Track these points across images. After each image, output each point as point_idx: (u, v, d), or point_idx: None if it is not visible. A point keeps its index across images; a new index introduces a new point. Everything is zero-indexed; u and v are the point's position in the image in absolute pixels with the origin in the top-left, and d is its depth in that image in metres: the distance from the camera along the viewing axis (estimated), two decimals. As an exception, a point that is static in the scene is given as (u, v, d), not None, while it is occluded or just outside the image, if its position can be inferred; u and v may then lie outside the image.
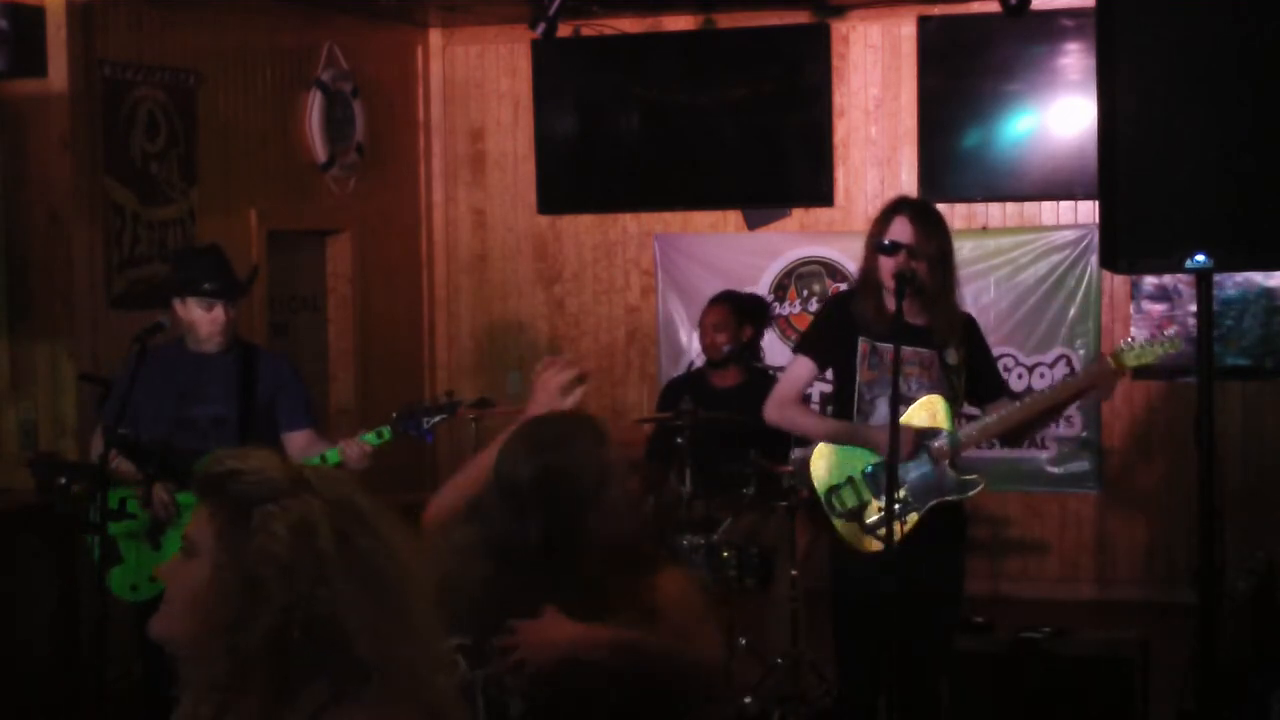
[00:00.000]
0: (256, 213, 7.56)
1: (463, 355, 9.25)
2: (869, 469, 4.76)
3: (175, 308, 5.16)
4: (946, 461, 4.74)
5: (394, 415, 5.19)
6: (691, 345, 8.59)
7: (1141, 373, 8.13)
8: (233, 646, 1.87)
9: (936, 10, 8.32)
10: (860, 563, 4.72)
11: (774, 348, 8.45)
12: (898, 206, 4.84)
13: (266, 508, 1.90)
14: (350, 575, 1.89)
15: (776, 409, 4.98)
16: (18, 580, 6.00)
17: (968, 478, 4.80)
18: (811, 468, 4.87)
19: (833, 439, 4.86)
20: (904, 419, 4.62)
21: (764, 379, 6.72)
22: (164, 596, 1.99)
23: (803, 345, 5.08)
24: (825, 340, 4.94)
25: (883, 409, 4.75)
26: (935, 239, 4.75)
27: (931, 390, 4.75)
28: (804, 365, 4.94)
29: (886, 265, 4.72)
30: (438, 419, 5.15)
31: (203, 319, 5.11)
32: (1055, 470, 8.31)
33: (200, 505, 1.96)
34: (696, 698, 2.95)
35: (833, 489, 4.79)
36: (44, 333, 6.46)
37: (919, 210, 4.83)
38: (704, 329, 6.77)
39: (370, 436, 5.10)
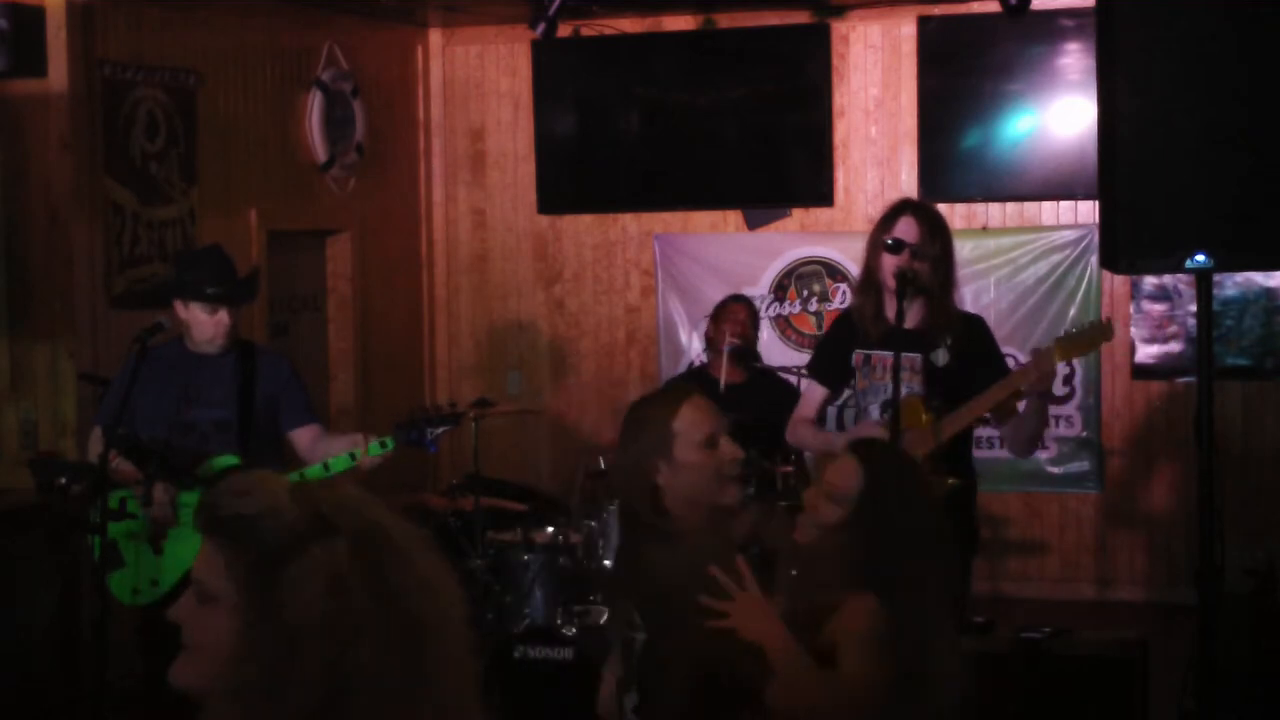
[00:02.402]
0: (256, 213, 7.56)
1: (463, 355, 9.24)
2: None
3: (176, 307, 5.15)
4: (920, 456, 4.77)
5: (396, 424, 5.18)
6: (691, 345, 8.59)
7: (1142, 372, 8.19)
8: (274, 706, 1.79)
9: (936, 10, 8.32)
10: None
11: (774, 348, 8.46)
12: (902, 207, 4.90)
13: (297, 564, 1.80)
14: (386, 622, 1.82)
15: (790, 429, 5.22)
16: (18, 580, 6.00)
17: (939, 480, 4.82)
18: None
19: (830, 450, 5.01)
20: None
21: (765, 379, 6.72)
22: (183, 642, 1.89)
23: (812, 368, 5.34)
24: (828, 360, 5.17)
25: (874, 413, 4.87)
26: (938, 240, 4.81)
27: (919, 392, 4.80)
28: (815, 388, 5.21)
29: (889, 263, 4.76)
30: (441, 430, 5.14)
31: (205, 323, 5.09)
32: (1055, 470, 8.31)
33: (210, 545, 1.87)
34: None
35: None
36: (44, 333, 6.47)
37: (924, 211, 4.90)
38: (730, 323, 6.71)
39: (374, 447, 5.08)
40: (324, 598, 1.80)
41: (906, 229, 4.79)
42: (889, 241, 4.77)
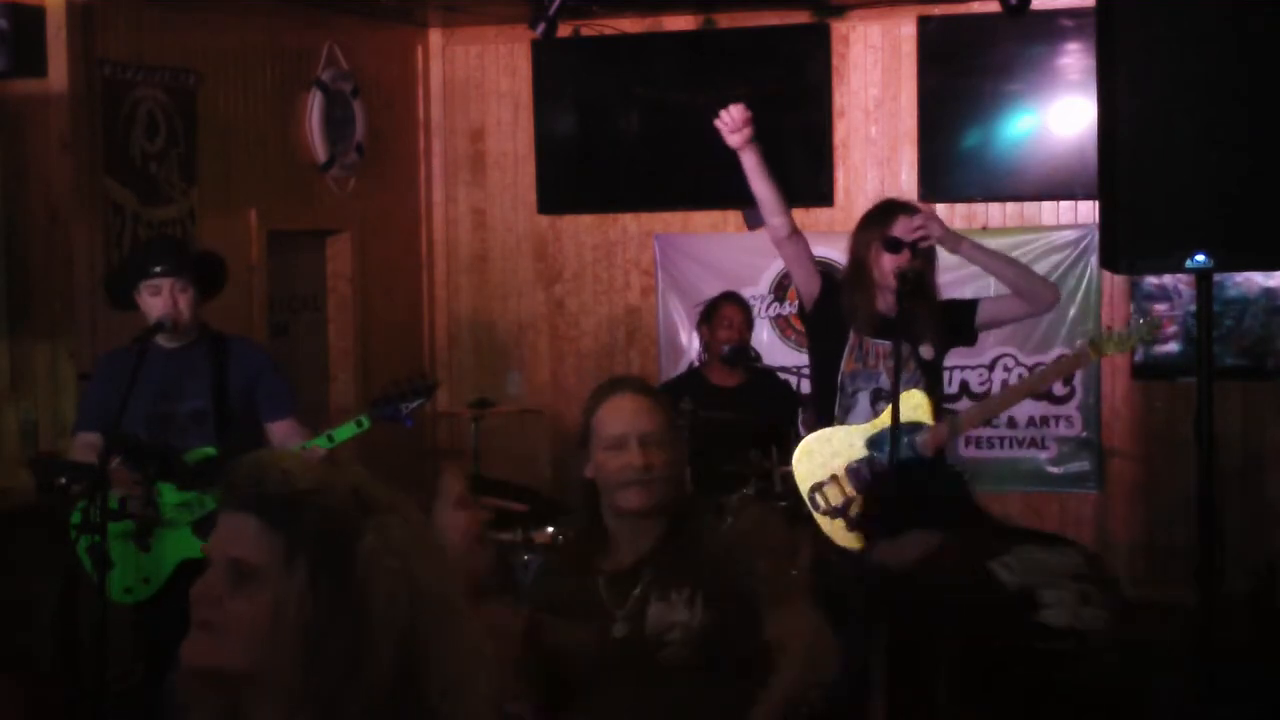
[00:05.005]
0: (256, 213, 7.56)
1: (463, 355, 9.24)
2: (853, 465, 4.79)
3: (139, 304, 5.13)
4: (930, 456, 4.78)
5: (371, 403, 5.19)
6: (691, 345, 8.58)
7: (1142, 372, 8.18)
8: (357, 686, 1.78)
9: (936, 10, 8.32)
10: (844, 560, 4.73)
11: (774, 348, 8.45)
12: (896, 208, 4.94)
13: (365, 538, 1.81)
14: (436, 593, 1.86)
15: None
16: (18, 581, 6.00)
17: (954, 470, 4.86)
18: (794, 466, 4.89)
19: None
20: (885, 414, 4.69)
21: (764, 379, 6.73)
22: (203, 621, 1.84)
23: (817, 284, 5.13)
24: (832, 295, 5.00)
25: (863, 402, 4.83)
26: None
27: (908, 384, 4.81)
28: (814, 280, 5.06)
29: (889, 262, 4.79)
30: (415, 404, 5.12)
31: (154, 305, 5.05)
32: (1055, 470, 8.31)
33: (254, 522, 1.83)
34: None
35: (816, 486, 4.82)
36: (44, 333, 6.46)
37: (917, 212, 4.94)
38: (722, 323, 6.71)
39: (350, 426, 5.09)
40: (399, 571, 1.81)
41: (906, 229, 4.82)
42: (891, 239, 4.81)
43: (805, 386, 8.21)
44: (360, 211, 8.46)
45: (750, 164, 4.88)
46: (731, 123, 4.79)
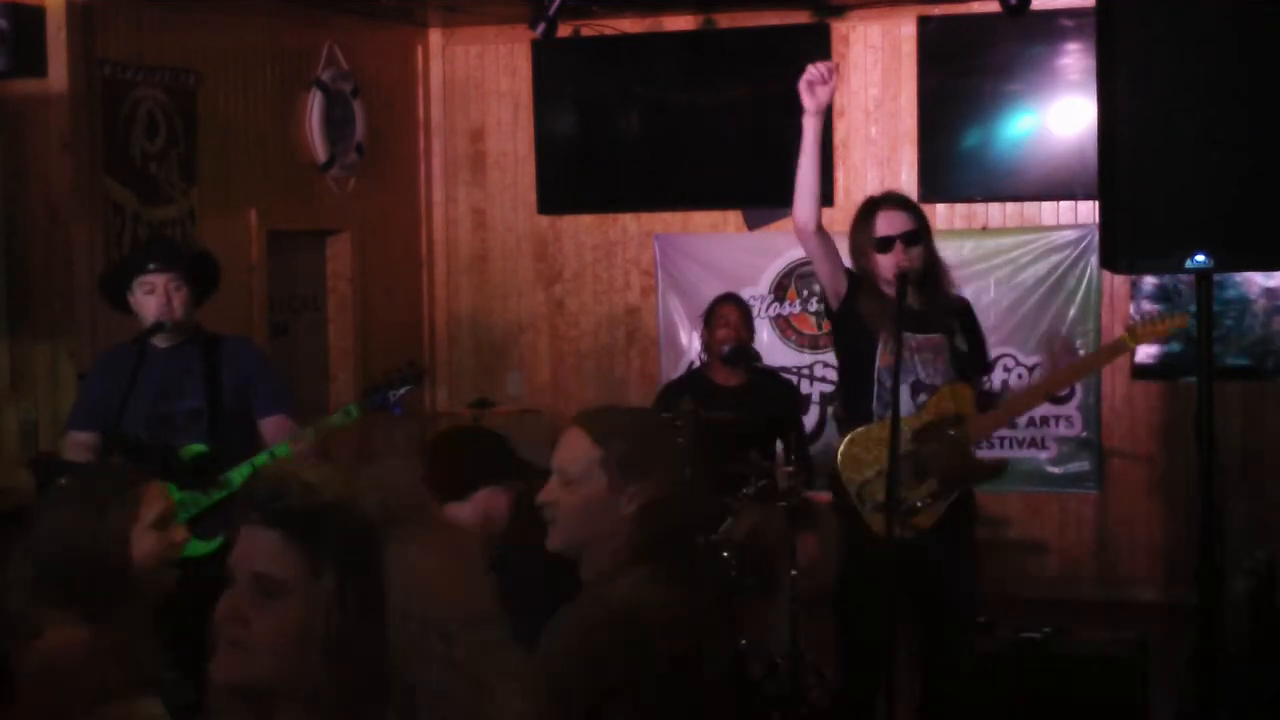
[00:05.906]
0: (256, 213, 7.56)
1: (463, 355, 9.24)
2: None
3: (132, 306, 5.13)
4: (972, 448, 4.81)
5: (361, 393, 5.21)
6: (691, 345, 8.58)
7: (1142, 372, 8.19)
8: (384, 689, 1.82)
9: (936, 10, 8.33)
10: (876, 557, 4.70)
11: (774, 348, 8.45)
12: (877, 203, 4.96)
13: (392, 548, 1.85)
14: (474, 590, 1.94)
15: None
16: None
17: (995, 462, 4.89)
18: (840, 461, 4.86)
19: None
20: (928, 407, 4.72)
21: (765, 379, 6.72)
22: (230, 639, 1.86)
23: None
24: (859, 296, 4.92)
25: (903, 395, 4.78)
26: (919, 221, 4.88)
27: (944, 376, 4.81)
28: (840, 277, 4.94)
29: (884, 261, 4.80)
30: (404, 390, 5.15)
31: (148, 303, 5.04)
32: (1055, 470, 8.31)
33: (279, 537, 1.86)
34: None
35: (865, 482, 4.80)
36: (44, 333, 6.46)
37: (900, 200, 4.96)
38: (720, 323, 6.71)
39: (338, 416, 5.12)
40: (438, 571, 1.85)
41: (890, 222, 4.84)
42: (876, 239, 4.83)
43: (807, 387, 8.24)
44: (360, 211, 8.46)
45: (810, 134, 4.79)
46: (818, 76, 4.65)
